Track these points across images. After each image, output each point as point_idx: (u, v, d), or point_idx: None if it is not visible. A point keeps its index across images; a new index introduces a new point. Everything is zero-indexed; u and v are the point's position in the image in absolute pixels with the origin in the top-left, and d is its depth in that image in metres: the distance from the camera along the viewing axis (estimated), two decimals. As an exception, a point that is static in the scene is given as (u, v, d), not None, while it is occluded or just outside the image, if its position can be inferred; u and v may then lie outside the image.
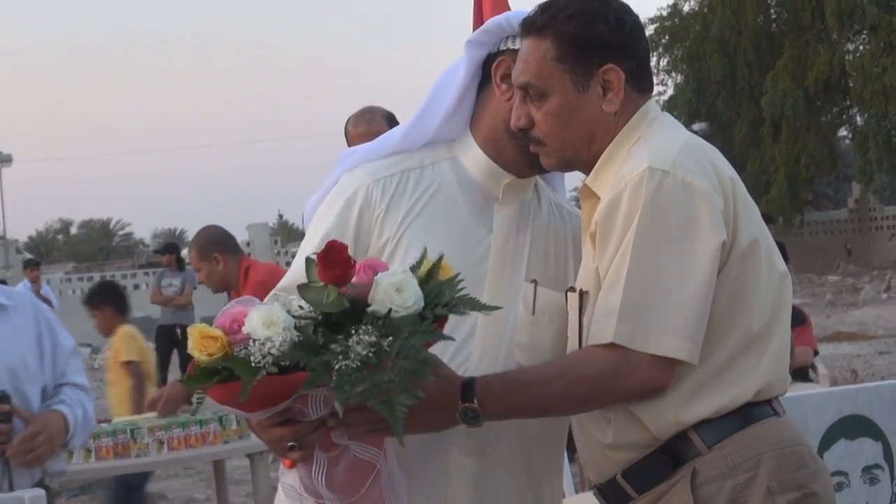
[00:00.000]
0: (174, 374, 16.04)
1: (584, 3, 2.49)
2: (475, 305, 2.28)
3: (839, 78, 32.99)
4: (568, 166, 2.58)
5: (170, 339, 16.15)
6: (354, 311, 2.16)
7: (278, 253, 32.96)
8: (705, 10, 35.77)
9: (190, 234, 71.23)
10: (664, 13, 37.59)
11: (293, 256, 2.85)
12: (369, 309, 2.15)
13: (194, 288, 15.77)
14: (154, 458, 6.28)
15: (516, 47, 2.61)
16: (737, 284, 2.41)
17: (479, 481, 2.57)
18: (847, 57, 32.86)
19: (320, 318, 2.16)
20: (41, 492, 3.35)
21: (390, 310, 2.14)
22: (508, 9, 5.40)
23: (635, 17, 2.54)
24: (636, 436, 2.42)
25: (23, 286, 17.68)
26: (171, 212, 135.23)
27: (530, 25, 2.52)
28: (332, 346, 2.08)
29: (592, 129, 2.50)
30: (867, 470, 4.34)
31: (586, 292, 2.45)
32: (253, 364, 2.08)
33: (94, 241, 68.59)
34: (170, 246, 17.91)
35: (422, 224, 2.60)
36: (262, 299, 2.34)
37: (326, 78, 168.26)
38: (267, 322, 2.09)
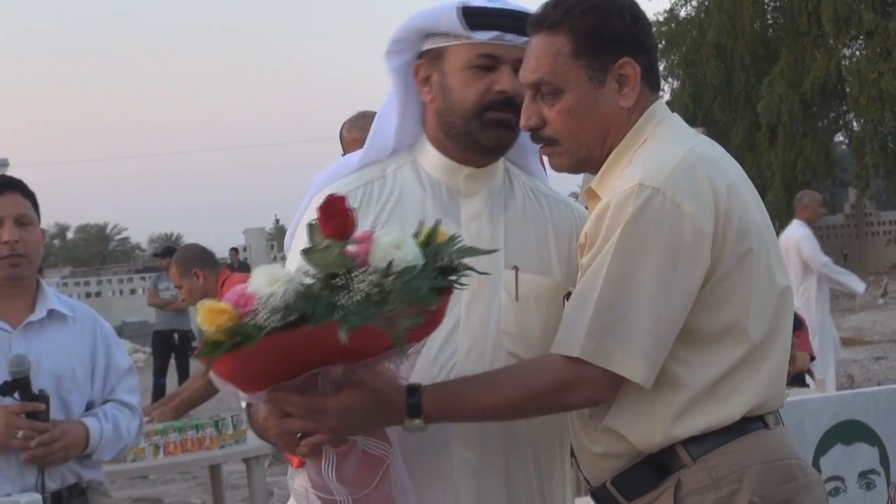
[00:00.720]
0: (171, 379, 16.04)
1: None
2: (474, 251, 2.29)
3: (835, 83, 33.02)
4: (581, 167, 2.55)
5: (167, 345, 16.14)
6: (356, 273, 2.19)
7: (275, 258, 32.97)
8: (702, 15, 35.81)
9: (187, 239, 71.16)
10: (661, 18, 37.63)
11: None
12: (371, 268, 2.18)
13: None
14: (150, 462, 6.29)
15: (434, 46, 2.64)
16: (728, 299, 2.38)
17: (483, 475, 2.57)
18: (843, 62, 32.89)
19: (324, 280, 2.19)
20: (37, 496, 3.45)
21: (391, 262, 2.17)
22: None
23: (644, 14, 2.53)
24: (624, 448, 2.42)
25: (53, 288, 17.68)
26: (167, 216, 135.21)
27: (541, 22, 2.50)
28: (335, 290, 2.13)
29: (608, 126, 2.48)
30: (863, 475, 4.34)
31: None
32: (261, 322, 2.13)
33: (90, 245, 68.56)
34: (169, 249, 17.92)
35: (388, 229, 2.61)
36: None
37: (324, 83, 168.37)
38: (270, 279, 2.15)
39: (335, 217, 2.20)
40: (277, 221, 62.08)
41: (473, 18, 2.61)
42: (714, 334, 2.38)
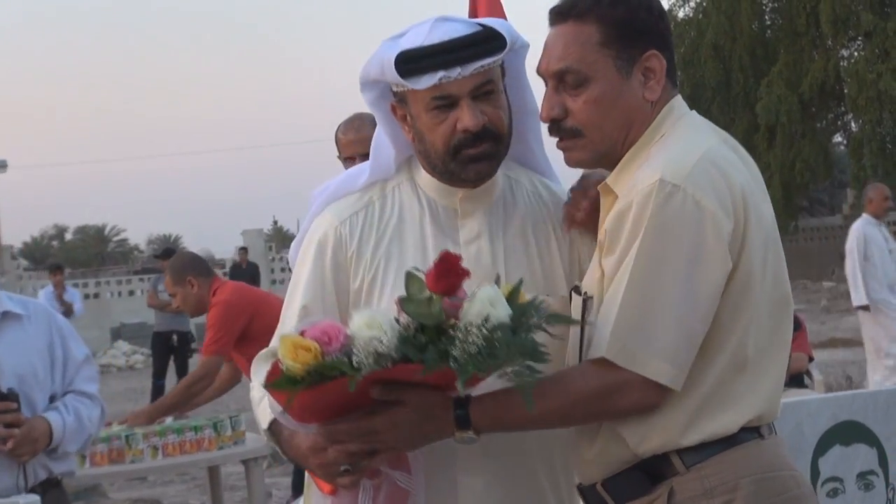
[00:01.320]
0: (170, 381, 16.03)
1: None
2: (562, 319, 2.35)
3: (834, 84, 33.00)
4: (600, 161, 2.52)
5: (166, 346, 16.13)
6: (446, 327, 2.27)
7: (273, 259, 32.95)
8: (700, 16, 35.77)
9: (185, 240, 71.18)
10: (659, 19, 37.61)
11: (287, 262, 2.93)
12: (462, 322, 2.24)
13: None
14: (149, 463, 6.30)
15: (397, 90, 2.62)
16: (734, 307, 2.36)
17: (491, 477, 2.58)
18: (842, 63, 32.86)
19: (415, 330, 2.27)
20: (36, 498, 3.49)
21: (488, 317, 2.22)
22: (504, 17, 5.41)
23: (665, 13, 2.54)
24: (618, 453, 2.40)
25: (45, 291, 17.71)
26: (166, 218, 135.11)
27: (568, 11, 2.47)
28: (441, 339, 2.22)
29: (632, 118, 2.46)
30: (862, 476, 4.34)
31: (590, 297, 2.42)
32: (355, 363, 2.21)
33: (89, 246, 68.45)
34: (169, 251, 17.94)
35: (395, 254, 2.67)
36: (220, 318, 2.42)
37: (321, 84, 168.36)
38: (370, 323, 2.23)
39: (449, 277, 2.26)
40: (276, 223, 62.13)
41: (412, 66, 2.55)
42: (724, 340, 2.36)
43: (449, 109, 2.57)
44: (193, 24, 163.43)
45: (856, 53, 33.14)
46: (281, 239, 52.45)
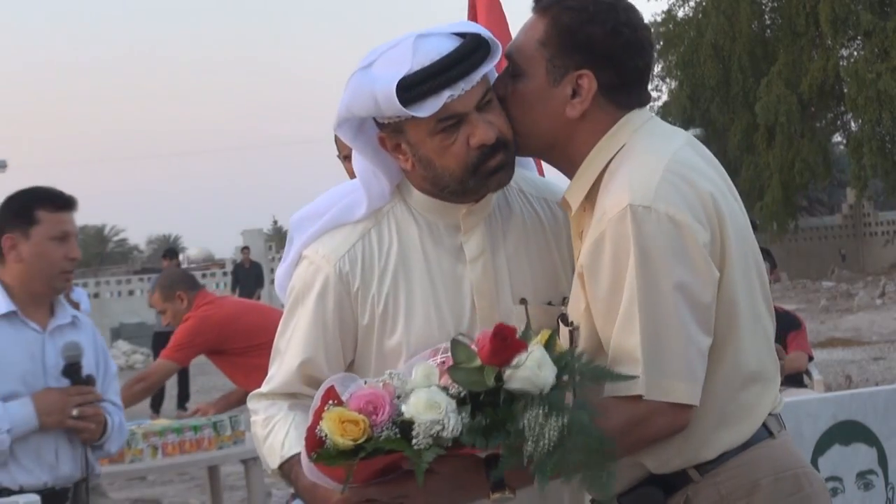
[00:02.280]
0: (171, 381, 16.02)
1: (592, 2, 2.40)
2: (606, 375, 2.27)
3: (833, 84, 33.02)
4: (539, 155, 2.54)
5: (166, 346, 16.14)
6: (495, 390, 2.22)
7: (273, 259, 32.94)
8: (700, 15, 35.79)
9: (185, 241, 71.08)
10: (658, 19, 37.61)
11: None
12: (507, 386, 2.19)
13: None
14: (149, 463, 6.29)
15: (389, 122, 2.48)
16: (728, 315, 2.33)
17: None
18: (841, 63, 32.87)
19: (461, 396, 2.22)
20: (35, 497, 3.59)
21: (542, 389, 2.18)
22: (505, 23, 5.40)
23: (638, 34, 2.42)
24: (633, 472, 2.37)
25: None
26: (165, 218, 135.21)
27: (536, 2, 2.48)
28: (508, 426, 2.16)
29: (550, 127, 2.42)
30: (861, 475, 4.34)
31: (577, 327, 2.38)
32: (414, 444, 2.15)
33: (88, 246, 68.36)
34: (171, 251, 18.00)
35: (402, 283, 2.57)
36: (190, 329, 2.38)
37: (322, 83, 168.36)
38: (430, 405, 2.16)
39: (506, 352, 2.20)
40: (276, 223, 62.07)
41: (415, 92, 2.41)
42: (723, 351, 2.33)
43: (456, 129, 2.46)
44: (194, 22, 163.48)
45: (855, 53, 33.16)
46: (281, 239, 52.41)
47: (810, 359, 8.34)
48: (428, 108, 2.41)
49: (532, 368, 2.18)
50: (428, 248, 2.59)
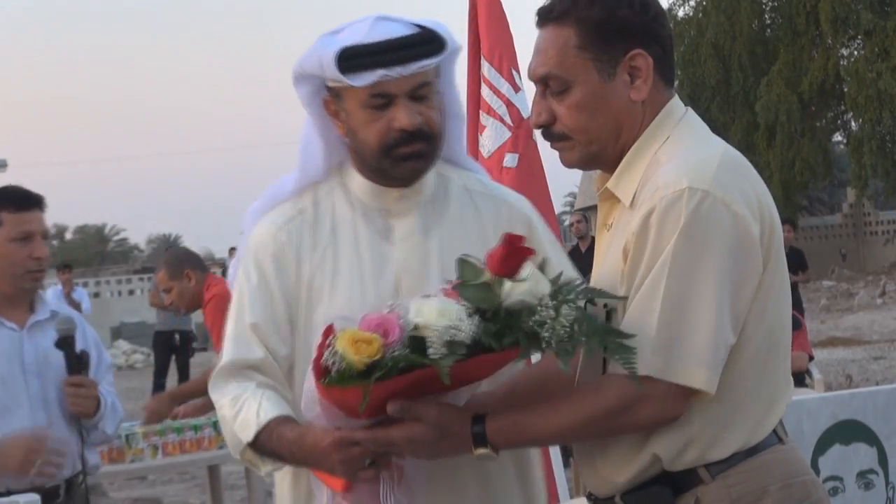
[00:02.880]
0: (171, 380, 16.03)
1: None
2: (603, 294, 2.34)
3: (833, 83, 33.03)
4: (592, 162, 2.46)
5: (168, 345, 16.10)
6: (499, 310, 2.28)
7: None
8: (700, 15, 35.79)
9: (185, 240, 71.06)
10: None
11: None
12: (508, 302, 2.26)
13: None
14: (149, 463, 6.28)
15: (332, 85, 2.63)
16: (760, 312, 2.32)
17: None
18: (841, 62, 32.89)
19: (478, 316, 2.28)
20: (35, 497, 3.54)
21: (542, 299, 2.25)
22: (505, 22, 5.41)
23: (658, 3, 2.44)
24: (645, 470, 2.35)
25: (53, 290, 17.65)
26: (166, 217, 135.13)
27: (547, 14, 2.41)
28: (525, 323, 2.22)
29: (620, 120, 2.39)
30: (862, 475, 4.34)
31: (613, 308, 2.36)
32: (430, 353, 2.20)
33: (88, 246, 68.43)
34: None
35: (331, 261, 2.69)
36: (215, 310, 2.47)
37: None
38: (442, 312, 2.22)
39: (515, 258, 2.25)
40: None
41: (353, 62, 2.57)
42: (745, 346, 2.32)
43: (385, 108, 2.60)
44: (195, 22, 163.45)
45: (855, 52, 33.16)
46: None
47: (811, 358, 8.36)
48: (360, 80, 2.57)
49: (531, 281, 2.25)
50: (359, 228, 2.71)
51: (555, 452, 5.11)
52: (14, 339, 4.02)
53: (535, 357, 2.46)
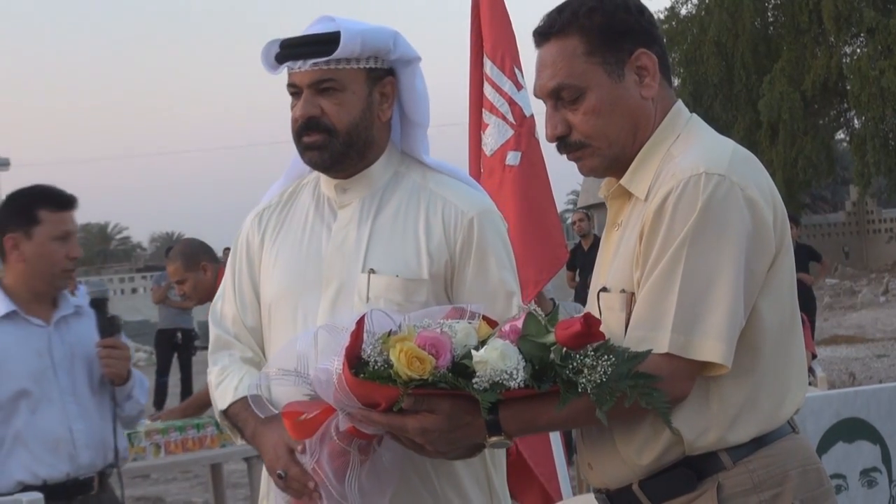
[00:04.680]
0: (174, 378, 16.03)
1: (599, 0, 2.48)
2: (630, 358, 2.38)
3: (836, 81, 32.98)
4: (613, 165, 2.52)
5: (170, 344, 16.08)
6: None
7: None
8: (702, 13, 35.75)
9: (188, 238, 71.04)
10: (661, 16, 37.55)
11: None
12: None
13: None
14: (151, 461, 6.29)
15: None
16: (775, 296, 2.39)
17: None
18: (844, 60, 32.84)
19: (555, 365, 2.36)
20: (39, 496, 3.74)
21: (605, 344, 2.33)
22: (506, 16, 5.41)
23: (647, 6, 2.55)
24: (668, 454, 2.39)
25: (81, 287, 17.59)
26: (168, 216, 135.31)
27: (549, 29, 2.50)
28: (563, 369, 2.31)
29: (635, 119, 2.48)
30: (865, 473, 4.34)
31: (632, 293, 2.41)
32: (476, 385, 2.31)
33: (91, 244, 68.45)
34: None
35: (279, 241, 2.99)
36: None
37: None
38: (504, 357, 2.31)
39: (585, 339, 2.30)
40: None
41: (280, 54, 2.88)
42: (774, 328, 2.39)
43: (299, 98, 2.87)
44: (197, 20, 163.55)
45: (858, 50, 33.10)
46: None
47: (814, 356, 8.35)
48: (276, 71, 2.91)
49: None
50: (309, 215, 2.98)
51: (557, 450, 5.11)
52: (42, 336, 4.11)
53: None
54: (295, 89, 2.87)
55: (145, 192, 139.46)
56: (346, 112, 2.85)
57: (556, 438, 5.16)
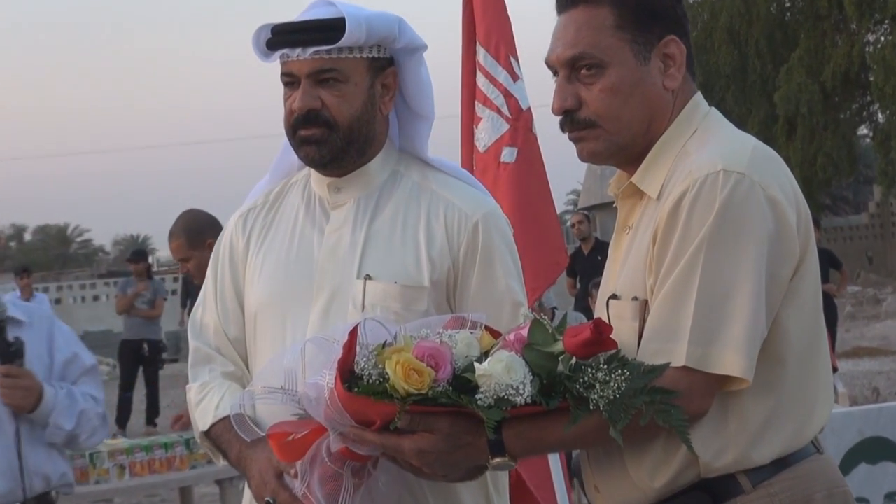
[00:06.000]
0: (139, 394, 15.98)
1: None
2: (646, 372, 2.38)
3: (858, 71, 33.04)
4: (617, 154, 2.51)
5: (135, 356, 16.00)
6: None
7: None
8: (714, -3, 35.82)
9: (154, 241, 71.06)
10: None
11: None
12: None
13: (165, 299, 15.70)
14: (115, 484, 6.28)
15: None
16: (798, 306, 2.38)
17: None
18: (867, 49, 32.90)
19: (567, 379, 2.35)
20: None
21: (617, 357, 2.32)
22: (501, 1, 5.41)
23: None
24: (683, 476, 2.38)
25: (10, 296, 17.47)
26: (133, 217, 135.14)
27: None
28: (574, 384, 2.29)
29: (652, 108, 2.46)
30: (890, 497, 4.35)
31: (645, 301, 2.41)
32: (479, 400, 2.30)
33: (49, 248, 68.46)
34: (140, 253, 17.80)
35: (266, 244, 2.97)
36: None
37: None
38: (509, 370, 2.30)
39: (596, 347, 2.30)
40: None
41: (271, 40, 2.86)
42: (798, 340, 2.38)
43: (294, 89, 2.85)
44: (165, 13, 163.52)
45: (882, 38, 33.16)
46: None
47: (834, 370, 8.36)
48: (269, 58, 2.90)
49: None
50: (299, 216, 2.97)
51: (557, 472, 5.11)
52: None
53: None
54: (291, 79, 2.85)
55: (109, 191, 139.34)
56: (348, 105, 2.84)
57: (555, 459, 5.15)
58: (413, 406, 2.31)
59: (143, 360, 16.01)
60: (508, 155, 5.26)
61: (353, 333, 2.39)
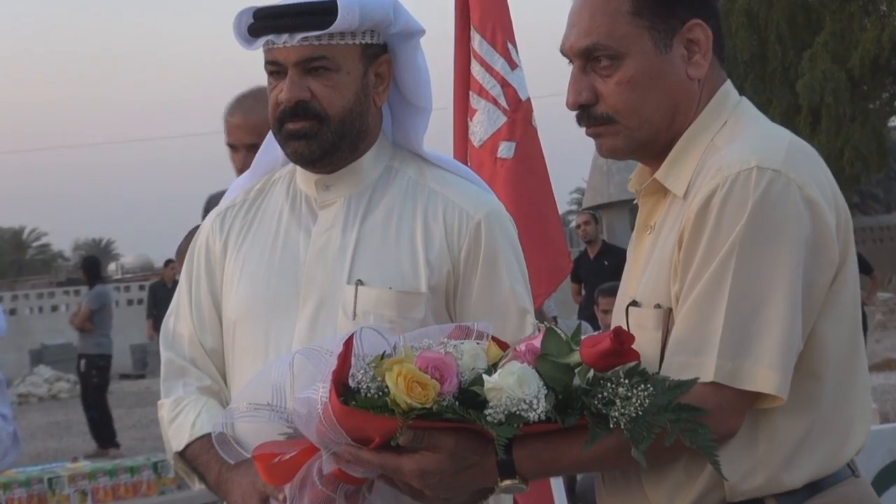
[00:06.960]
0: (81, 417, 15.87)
1: None
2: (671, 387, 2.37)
3: (889, 58, 33.09)
4: (638, 150, 2.51)
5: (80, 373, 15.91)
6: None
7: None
8: (731, -23, 35.87)
9: (118, 246, 70.90)
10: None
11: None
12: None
13: (93, 309, 15.47)
14: (76, 512, 6.27)
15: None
16: (837, 316, 2.37)
17: None
18: (898, 33, 32.95)
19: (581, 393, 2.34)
20: None
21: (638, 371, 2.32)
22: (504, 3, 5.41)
23: None
24: (706, 500, 2.38)
25: None
26: (95, 219, 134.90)
27: None
28: (591, 400, 2.28)
29: (675, 100, 2.45)
30: (925, 522, 4.35)
31: (669, 309, 2.40)
32: (488, 416, 2.29)
33: (3, 253, 68.37)
34: (92, 260, 17.69)
35: (246, 247, 2.95)
36: None
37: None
38: (522, 383, 2.29)
39: (617, 359, 2.29)
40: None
41: (254, 26, 2.84)
42: (837, 353, 2.38)
43: (280, 78, 2.83)
44: (115, 10, 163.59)
45: (915, 21, 33.20)
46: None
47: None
48: (252, 45, 2.86)
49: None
50: (283, 216, 2.95)
51: (559, 495, 5.11)
52: None
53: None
54: (276, 68, 2.83)
55: (68, 191, 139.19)
56: (340, 96, 2.82)
57: (557, 480, 5.15)
58: (416, 421, 2.30)
59: (81, 378, 15.88)
60: (506, 150, 5.27)
61: (349, 343, 2.39)
